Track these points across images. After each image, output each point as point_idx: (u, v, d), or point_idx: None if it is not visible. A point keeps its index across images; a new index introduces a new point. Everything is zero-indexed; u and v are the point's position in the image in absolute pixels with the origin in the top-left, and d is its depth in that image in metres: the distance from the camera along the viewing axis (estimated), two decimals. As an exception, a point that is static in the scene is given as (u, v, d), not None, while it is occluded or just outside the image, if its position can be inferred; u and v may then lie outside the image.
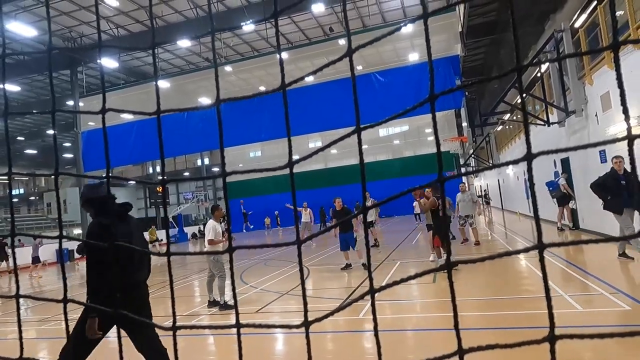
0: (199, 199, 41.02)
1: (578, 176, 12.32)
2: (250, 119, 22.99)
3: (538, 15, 14.06)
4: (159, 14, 22.68)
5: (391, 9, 24.86)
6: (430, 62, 0.65)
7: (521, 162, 0.61)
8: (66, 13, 21.82)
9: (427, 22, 0.68)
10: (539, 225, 0.57)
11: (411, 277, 0.66)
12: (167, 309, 7.10)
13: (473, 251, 11.60)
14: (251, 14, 21.69)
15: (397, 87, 20.78)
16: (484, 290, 6.99)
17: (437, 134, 0.65)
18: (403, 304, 6.55)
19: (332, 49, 22.71)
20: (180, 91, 26.58)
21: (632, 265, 7.44)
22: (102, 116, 0.80)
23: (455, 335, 0.79)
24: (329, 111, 20.93)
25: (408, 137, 37.78)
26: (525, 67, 0.59)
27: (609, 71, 9.09)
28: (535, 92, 14.57)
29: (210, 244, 7.17)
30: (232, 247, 0.76)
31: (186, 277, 11.80)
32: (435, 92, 0.67)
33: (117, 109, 0.81)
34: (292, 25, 25.57)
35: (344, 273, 9.98)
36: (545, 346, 0.61)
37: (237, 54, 28.89)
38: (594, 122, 10.55)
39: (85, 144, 26.00)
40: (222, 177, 0.77)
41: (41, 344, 6.39)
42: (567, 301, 5.58)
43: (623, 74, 2.76)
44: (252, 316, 6.57)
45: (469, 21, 16.14)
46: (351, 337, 5.30)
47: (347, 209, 10.32)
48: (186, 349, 5.18)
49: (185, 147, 25.55)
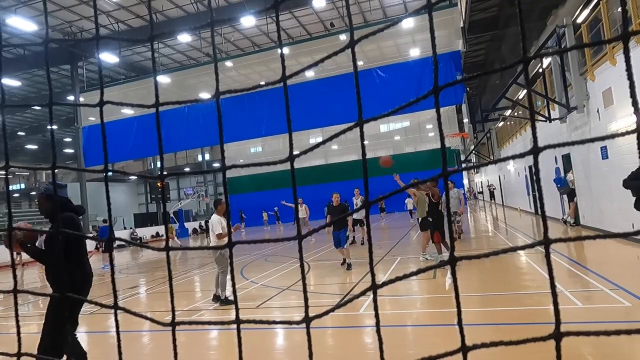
0: (199, 194, 41.02)
1: (580, 172, 12.30)
2: (250, 115, 22.95)
3: (540, 10, 13.99)
4: (159, 9, 22.60)
5: (392, 4, 24.76)
6: (434, 53, 0.64)
7: (527, 155, 0.60)
8: (66, 7, 21.74)
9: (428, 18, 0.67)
10: (545, 221, 0.56)
11: (414, 273, 0.65)
12: (168, 304, 7.12)
13: (474, 246, 11.61)
14: (251, 8, 21.60)
15: (398, 83, 20.71)
16: (484, 286, 6.99)
17: (440, 127, 0.64)
18: (403, 299, 6.55)
19: (333, 44, 22.62)
20: (181, 86, 26.52)
21: (632, 261, 7.44)
22: (99, 109, 0.79)
23: (456, 331, 0.78)
24: (330, 107, 20.88)
25: (409, 133, 37.70)
26: (530, 59, 0.58)
27: (611, 67, 9.04)
28: (537, 88, 14.51)
29: (220, 238, 7.19)
30: (232, 242, 0.76)
31: (187, 273, 11.83)
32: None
33: (115, 102, 0.80)
34: (293, 20, 25.48)
35: (343, 268, 10.01)
36: (545, 342, 0.60)
37: (237, 49, 28.81)
38: (595, 118, 10.51)
39: (86, 139, 25.98)
40: (222, 171, 0.76)
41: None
42: (567, 297, 5.58)
43: (623, 70, 2.73)
44: (253, 311, 6.58)
45: (470, 17, 16.06)
46: (352, 332, 5.31)
47: (343, 206, 10.01)
48: (186, 344, 5.20)
49: (186, 142, 25.53)
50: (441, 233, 9.12)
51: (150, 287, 10.28)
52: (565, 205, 13.63)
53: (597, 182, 10.76)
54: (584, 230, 12.12)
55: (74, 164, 37.24)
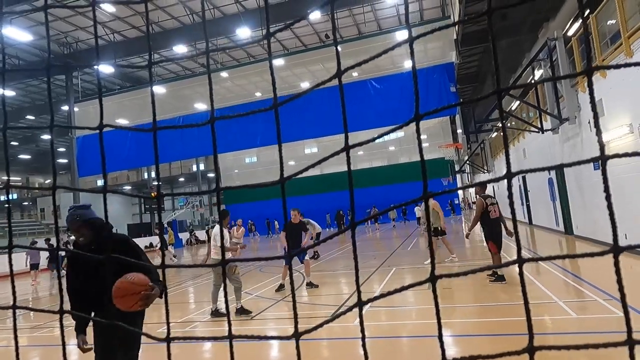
0: (193, 204, 40.87)
1: (572, 183, 12.42)
2: (245, 126, 23.03)
3: (532, 23, 14.26)
4: (155, 20, 22.74)
5: (386, 16, 25.07)
6: (415, 82, 0.68)
7: (501, 180, 0.64)
8: (62, 18, 21.85)
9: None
10: (517, 235, 0.60)
11: (397, 290, 0.69)
12: (161, 315, 7.07)
13: (469, 256, 11.63)
14: (247, 21, 21.79)
15: (392, 94, 20.91)
16: (479, 298, 7.02)
17: (422, 151, 0.68)
18: (398, 310, 6.56)
19: (327, 55, 22.84)
20: (176, 96, 26.59)
21: (625, 272, 7.48)
22: (99, 132, 0.83)
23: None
24: (325, 118, 21.01)
25: (403, 143, 37.93)
26: (504, 90, 0.62)
27: (602, 79, 9.21)
28: (529, 99, 14.72)
29: (231, 250, 7.21)
30: (225, 260, 0.78)
31: (181, 284, 11.76)
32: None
33: (113, 125, 0.83)
34: (288, 31, 25.70)
35: (338, 279, 9.98)
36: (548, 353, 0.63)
37: (233, 59, 28.98)
38: (587, 129, 10.66)
39: (80, 149, 25.87)
40: (217, 191, 0.80)
41: (32, 351, 6.35)
42: (561, 308, 5.61)
43: (615, 82, 2.82)
44: (248, 323, 6.55)
45: (463, 29, 16.31)
46: (346, 344, 5.30)
47: (303, 224, 9.35)
48: (179, 356, 5.16)
49: (181, 152, 25.53)
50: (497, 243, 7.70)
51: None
52: (559, 214, 13.73)
53: (590, 192, 10.87)
54: (577, 240, 12.20)
55: (67, 174, 37.06)
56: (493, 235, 7.60)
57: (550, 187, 14.61)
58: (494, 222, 7.60)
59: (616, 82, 8.55)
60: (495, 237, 7.58)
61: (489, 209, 7.61)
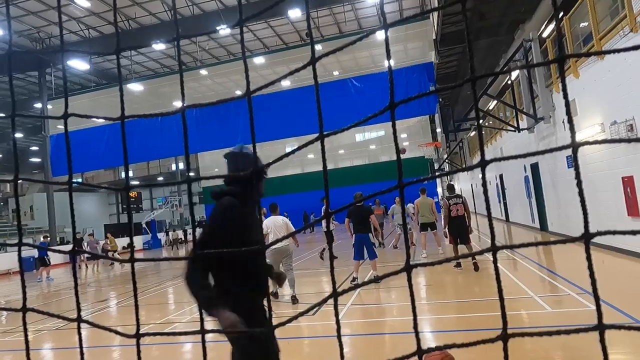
0: (173, 204, 40.22)
1: (547, 180, 12.73)
2: (225, 123, 22.78)
3: (509, 24, 14.52)
4: (132, 16, 22.29)
5: (367, 15, 25.19)
6: (390, 72, 0.67)
7: (475, 168, 0.64)
8: (34, 13, 21.18)
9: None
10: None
11: (372, 281, 0.68)
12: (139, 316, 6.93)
13: (449, 252, 11.80)
14: (227, 18, 21.57)
15: (373, 93, 21.00)
16: (459, 293, 7.12)
17: (397, 143, 0.67)
18: (379, 307, 6.60)
19: (308, 54, 22.69)
20: (155, 94, 26.12)
21: (597, 266, 7.71)
22: (64, 121, 0.79)
23: (430, 338, 0.82)
24: (305, 116, 20.96)
25: (384, 142, 38.17)
26: (477, 77, 0.62)
27: (575, 80, 9.47)
28: (506, 99, 15.01)
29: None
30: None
31: (159, 285, 11.56)
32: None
33: (80, 114, 0.80)
34: (269, 30, 25.59)
35: (320, 278, 9.98)
36: (536, 348, 0.63)
37: (212, 57, 28.65)
38: (561, 129, 10.94)
39: (54, 148, 25.12)
40: (188, 182, 0.78)
41: (4, 357, 6.14)
42: (537, 302, 5.74)
43: (587, 83, 2.89)
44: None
45: (442, 29, 16.52)
46: (328, 341, 5.30)
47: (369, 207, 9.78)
48: (159, 358, 5.07)
49: (160, 151, 25.06)
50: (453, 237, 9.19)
51: (121, 300, 10.00)
52: (535, 211, 14.05)
53: (563, 190, 11.17)
54: (552, 236, 12.52)
55: (40, 173, 36.03)
56: (451, 230, 8.97)
57: (526, 185, 14.95)
58: (454, 220, 8.93)
59: (588, 83, 8.82)
60: (453, 231, 8.92)
61: (451, 208, 8.95)
